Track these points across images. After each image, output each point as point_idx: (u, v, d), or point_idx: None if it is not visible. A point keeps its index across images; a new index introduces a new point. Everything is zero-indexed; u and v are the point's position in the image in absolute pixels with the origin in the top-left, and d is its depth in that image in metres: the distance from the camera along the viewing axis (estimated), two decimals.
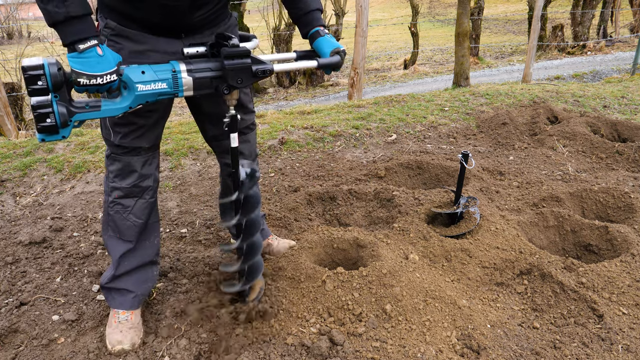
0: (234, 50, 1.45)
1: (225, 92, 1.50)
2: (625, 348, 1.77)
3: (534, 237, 2.53)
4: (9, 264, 2.33)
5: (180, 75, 1.43)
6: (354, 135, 4.11)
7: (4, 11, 14.68)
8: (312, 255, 2.21)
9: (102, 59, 1.33)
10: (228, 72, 1.46)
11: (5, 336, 1.84)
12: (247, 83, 1.50)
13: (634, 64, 7.49)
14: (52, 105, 1.27)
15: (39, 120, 1.26)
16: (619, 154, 3.65)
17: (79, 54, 1.30)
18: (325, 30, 1.79)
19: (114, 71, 1.34)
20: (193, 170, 3.42)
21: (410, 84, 9.20)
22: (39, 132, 1.29)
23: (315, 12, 1.80)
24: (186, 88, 1.45)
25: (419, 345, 1.76)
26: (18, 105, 5.81)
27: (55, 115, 1.28)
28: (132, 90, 1.38)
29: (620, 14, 14.25)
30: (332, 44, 1.75)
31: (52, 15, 1.28)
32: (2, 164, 3.38)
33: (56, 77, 1.26)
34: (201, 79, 1.46)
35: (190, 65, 1.45)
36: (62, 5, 1.27)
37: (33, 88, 1.24)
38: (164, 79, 1.41)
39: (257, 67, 1.49)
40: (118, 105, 1.39)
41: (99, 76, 1.31)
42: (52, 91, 1.27)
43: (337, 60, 1.68)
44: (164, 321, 1.86)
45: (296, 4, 1.79)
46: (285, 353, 1.72)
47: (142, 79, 1.38)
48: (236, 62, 1.46)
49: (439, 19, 24.35)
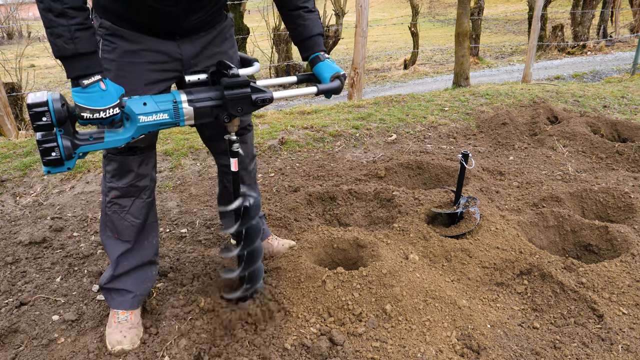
0: (233, 80, 1.47)
1: (226, 121, 1.54)
2: (625, 348, 1.77)
3: (534, 237, 2.53)
4: (9, 264, 2.33)
5: (181, 105, 1.46)
6: (354, 135, 4.11)
7: (4, 11, 14.68)
8: (312, 255, 2.21)
9: (105, 93, 1.35)
10: (228, 102, 1.48)
11: (5, 336, 1.84)
12: (247, 111, 1.54)
13: (634, 64, 7.49)
14: (57, 140, 1.30)
15: (45, 154, 1.30)
16: (619, 154, 3.65)
17: (82, 88, 1.33)
18: (325, 55, 1.82)
19: (116, 104, 1.36)
20: (193, 170, 3.42)
21: (410, 84, 9.20)
22: (45, 165, 1.32)
23: (317, 37, 1.83)
24: (187, 117, 1.48)
25: (419, 345, 1.76)
26: (18, 105, 5.81)
27: (60, 149, 1.31)
28: (135, 122, 1.41)
29: (620, 14, 14.25)
30: (333, 69, 1.77)
31: (61, 50, 1.31)
32: (2, 164, 3.38)
33: (60, 112, 1.28)
34: (202, 108, 1.49)
35: (191, 95, 1.48)
36: (72, 42, 1.30)
37: (38, 124, 1.27)
38: (165, 109, 1.44)
39: (257, 96, 1.52)
40: (121, 137, 1.41)
41: (102, 110, 1.34)
42: (56, 126, 1.30)
43: (337, 86, 1.71)
44: (164, 321, 1.86)
45: (298, 28, 1.81)
46: (285, 353, 1.72)
47: (144, 110, 1.41)
48: (236, 92, 1.49)
49: (439, 19, 24.36)
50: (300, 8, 1.80)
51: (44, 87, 10.18)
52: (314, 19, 1.82)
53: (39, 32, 16.83)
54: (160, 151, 3.62)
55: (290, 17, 1.82)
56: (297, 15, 1.80)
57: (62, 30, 1.29)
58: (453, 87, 6.59)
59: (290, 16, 1.82)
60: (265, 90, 1.55)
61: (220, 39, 1.78)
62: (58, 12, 1.28)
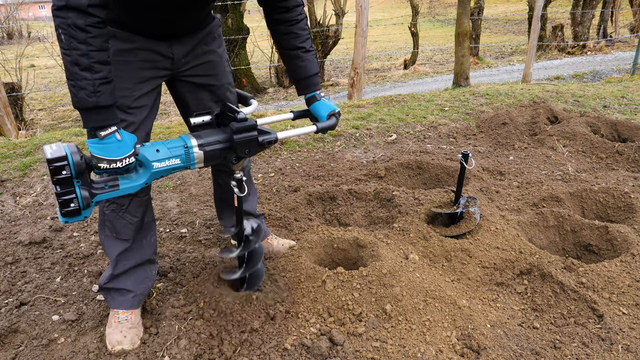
0: (242, 125, 1.54)
1: (234, 162, 1.60)
2: (625, 348, 1.77)
3: (534, 237, 2.53)
4: (9, 264, 2.33)
5: (192, 150, 1.50)
6: (354, 135, 4.11)
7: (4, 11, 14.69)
8: (312, 255, 2.21)
9: (121, 143, 1.37)
10: (237, 145, 1.55)
11: (5, 336, 1.84)
12: (253, 153, 1.61)
13: (634, 64, 7.49)
14: (76, 191, 1.33)
15: (63, 206, 1.32)
16: (619, 154, 3.65)
17: (99, 140, 1.35)
18: (321, 94, 1.91)
19: (131, 154, 1.39)
20: (193, 170, 3.42)
21: (410, 84, 9.20)
22: (63, 216, 1.34)
23: (314, 77, 1.90)
24: (198, 161, 1.53)
25: (419, 345, 1.76)
26: (18, 105, 5.81)
27: (79, 200, 1.33)
28: (149, 169, 1.45)
29: (620, 14, 14.25)
30: (329, 107, 1.86)
31: (81, 102, 1.32)
32: (2, 164, 3.38)
33: (79, 165, 1.31)
34: (211, 151, 1.54)
35: (201, 139, 1.53)
36: (94, 95, 1.32)
37: (58, 178, 1.29)
38: (177, 155, 1.48)
39: (264, 138, 1.59)
40: (135, 183, 1.45)
41: (119, 160, 1.36)
42: (75, 178, 1.32)
43: (334, 123, 1.82)
44: (164, 321, 1.86)
45: (296, 68, 1.88)
46: (285, 353, 1.72)
47: (157, 157, 1.45)
48: (244, 135, 1.55)
49: (439, 19, 24.36)
50: (299, 48, 1.85)
51: (44, 87, 10.18)
52: (311, 59, 1.88)
53: (39, 32, 16.83)
54: None
55: (289, 56, 1.88)
56: (295, 55, 1.86)
57: (86, 83, 1.31)
58: (453, 87, 6.59)
59: (288, 55, 1.88)
60: (271, 132, 1.62)
61: (210, 39, 1.83)
62: (84, 66, 1.30)
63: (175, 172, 1.52)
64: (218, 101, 1.90)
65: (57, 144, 1.32)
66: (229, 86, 1.93)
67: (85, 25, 1.28)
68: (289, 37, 1.83)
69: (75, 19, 1.26)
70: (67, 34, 1.27)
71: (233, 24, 8.63)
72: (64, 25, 1.26)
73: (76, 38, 1.27)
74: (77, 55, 1.28)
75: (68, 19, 1.26)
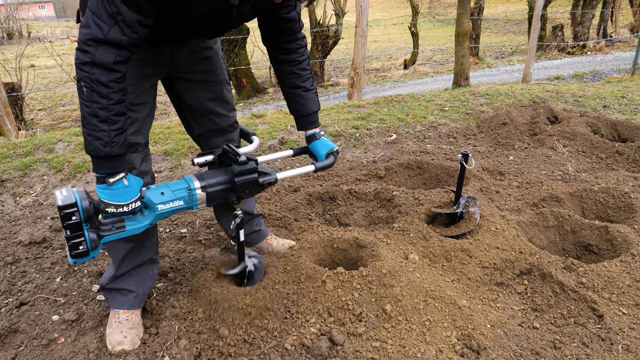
0: (243, 168, 1.61)
1: (235, 202, 1.66)
2: (625, 348, 1.77)
3: (534, 237, 2.53)
4: (9, 264, 2.33)
5: (195, 192, 1.57)
6: (354, 135, 4.11)
7: (4, 11, 14.68)
8: (312, 255, 2.21)
9: (128, 189, 1.43)
10: (238, 187, 1.61)
11: (5, 336, 1.84)
12: (254, 193, 1.67)
13: (634, 64, 7.50)
14: (84, 235, 1.38)
15: (73, 249, 1.37)
16: (619, 154, 3.65)
17: (108, 186, 1.40)
18: (321, 133, 1.97)
19: (137, 198, 1.45)
20: (193, 170, 3.42)
21: (410, 84, 9.20)
22: (72, 258, 1.39)
23: (314, 115, 1.95)
24: (200, 202, 1.59)
25: (419, 345, 1.76)
26: (18, 105, 5.81)
27: (87, 242, 1.39)
28: (153, 211, 1.51)
29: (620, 14, 14.25)
30: (328, 146, 1.93)
31: (96, 151, 1.37)
32: (2, 164, 3.37)
33: (88, 210, 1.37)
34: (213, 192, 1.61)
35: (203, 181, 1.60)
36: (109, 145, 1.37)
37: (68, 223, 1.35)
38: (180, 197, 1.55)
39: (264, 180, 1.66)
40: (140, 224, 1.50)
41: (125, 205, 1.42)
42: (84, 222, 1.38)
43: (332, 162, 1.89)
44: (164, 321, 1.86)
45: (297, 106, 1.93)
46: (285, 353, 1.72)
47: (162, 199, 1.51)
48: (245, 177, 1.62)
49: (439, 19, 24.37)
50: (299, 87, 1.90)
51: (44, 87, 10.19)
52: (311, 97, 1.93)
53: (39, 32, 16.83)
54: (160, 151, 3.62)
55: (290, 94, 1.93)
56: (296, 94, 1.91)
57: (103, 134, 1.35)
58: (453, 87, 6.59)
59: (290, 93, 1.93)
60: (270, 173, 1.69)
61: None
62: (103, 119, 1.34)
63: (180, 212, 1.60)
64: (215, 98, 1.91)
65: (67, 190, 1.38)
66: (225, 83, 1.95)
67: (108, 81, 1.32)
68: (291, 76, 1.89)
69: (99, 75, 1.30)
70: (89, 88, 1.31)
71: None
72: (87, 80, 1.30)
73: (98, 92, 1.31)
74: (97, 108, 1.32)
75: (92, 74, 1.30)
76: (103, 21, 1.29)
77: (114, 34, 1.29)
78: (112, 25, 1.28)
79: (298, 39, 1.85)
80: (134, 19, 1.32)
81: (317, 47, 9.82)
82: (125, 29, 1.31)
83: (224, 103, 1.95)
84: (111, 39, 1.29)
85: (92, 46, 1.29)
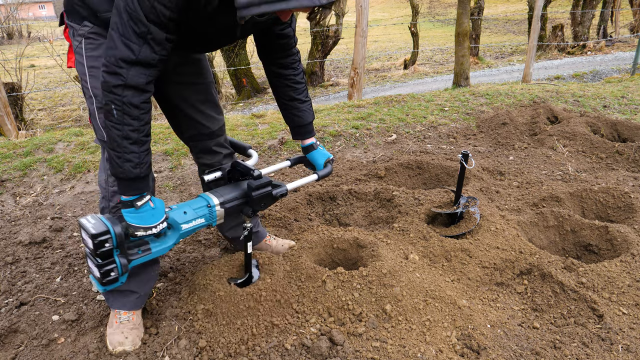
0: (259, 182, 1.67)
1: (250, 215, 1.71)
2: (625, 348, 1.77)
3: (534, 237, 2.53)
4: (9, 264, 2.33)
5: (214, 209, 1.62)
6: (354, 135, 4.11)
7: (4, 11, 14.68)
8: (312, 255, 2.21)
9: (155, 211, 1.45)
10: (255, 200, 1.67)
11: (5, 336, 1.84)
12: (268, 205, 1.73)
13: (634, 64, 7.50)
14: (115, 261, 1.40)
15: (105, 276, 1.39)
16: (619, 154, 3.66)
17: (136, 210, 1.42)
18: (317, 143, 2.04)
19: (164, 219, 1.47)
20: (193, 170, 3.42)
21: (410, 84, 9.20)
22: (103, 285, 1.40)
23: (309, 125, 2.00)
24: (219, 218, 1.65)
25: (419, 345, 1.76)
26: (18, 105, 5.81)
27: (118, 268, 1.41)
28: (177, 230, 1.54)
29: (620, 14, 14.25)
30: (324, 155, 2.01)
31: (126, 173, 1.38)
32: (2, 164, 3.37)
33: (120, 236, 1.38)
34: (230, 208, 1.66)
35: (222, 197, 1.65)
36: (138, 167, 1.39)
37: (101, 251, 1.36)
38: (202, 215, 1.59)
39: (277, 192, 1.73)
40: (165, 245, 1.53)
41: (154, 227, 1.44)
42: (116, 249, 1.39)
43: (330, 170, 2.00)
44: (164, 321, 1.86)
45: (293, 117, 1.97)
46: (286, 353, 1.72)
47: (185, 219, 1.55)
48: (261, 191, 1.69)
49: (439, 19, 24.38)
50: (295, 100, 1.94)
51: (44, 87, 10.18)
52: (306, 109, 1.97)
53: (39, 32, 16.83)
54: (160, 151, 3.62)
55: (286, 106, 1.96)
56: (292, 105, 1.95)
57: (133, 156, 1.37)
58: (453, 87, 6.59)
59: (285, 105, 1.96)
60: (281, 185, 1.75)
61: None
62: (134, 140, 1.35)
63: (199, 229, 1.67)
64: (205, 100, 1.92)
65: (93, 216, 1.38)
66: (213, 85, 1.97)
67: (141, 102, 1.33)
68: (286, 89, 1.92)
69: (131, 98, 1.30)
70: (120, 110, 1.31)
71: None
72: (119, 103, 1.30)
73: (130, 115, 1.32)
74: (129, 130, 1.33)
75: (124, 97, 1.30)
76: (132, 42, 1.28)
77: (145, 53, 1.30)
78: (141, 45, 1.29)
79: (293, 54, 1.88)
80: (163, 37, 1.33)
81: (317, 47, 9.82)
82: (155, 47, 1.31)
83: (213, 105, 1.97)
84: (142, 58, 1.30)
85: (123, 68, 1.28)
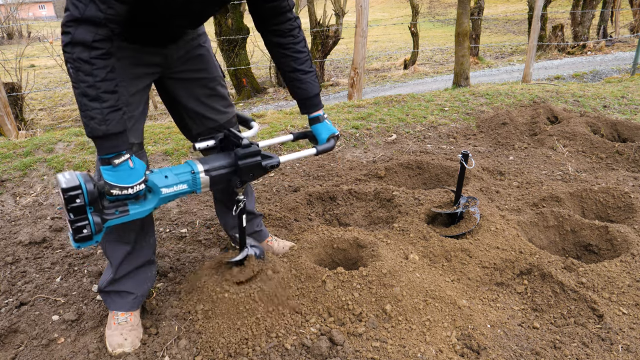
0: (247, 151, 1.61)
1: (239, 186, 1.66)
2: (625, 348, 1.77)
3: (534, 237, 2.53)
4: (9, 264, 2.33)
5: (198, 175, 1.57)
6: (354, 135, 4.11)
7: (4, 11, 14.68)
8: (312, 255, 2.21)
9: (133, 171, 1.42)
10: (242, 170, 1.62)
11: (5, 336, 1.84)
12: (257, 177, 1.67)
13: (634, 64, 7.49)
14: (88, 218, 1.37)
15: (77, 232, 1.36)
16: (619, 154, 3.65)
17: (113, 167, 1.40)
18: (324, 116, 1.94)
19: (142, 181, 1.44)
20: None
21: (410, 84, 9.20)
22: (76, 242, 1.38)
23: (316, 97, 1.92)
24: (204, 186, 1.59)
25: (419, 345, 1.76)
26: (18, 105, 5.81)
27: (91, 226, 1.38)
28: (157, 194, 1.51)
29: (620, 14, 14.25)
30: (329, 130, 1.92)
31: (93, 131, 1.37)
32: (2, 164, 3.37)
33: (92, 193, 1.37)
34: (217, 176, 1.60)
35: (207, 164, 1.59)
36: (104, 123, 1.37)
37: (72, 206, 1.34)
38: (184, 180, 1.54)
39: (267, 163, 1.67)
40: (144, 208, 1.49)
41: (130, 187, 1.41)
42: (88, 205, 1.37)
43: (332, 146, 1.90)
44: (164, 321, 1.86)
45: (297, 90, 1.90)
46: (286, 353, 1.72)
47: (165, 183, 1.51)
48: (249, 160, 1.62)
49: (439, 19, 24.38)
50: (297, 71, 1.87)
51: (44, 87, 10.19)
52: (310, 80, 1.90)
53: (39, 32, 16.83)
54: (160, 151, 3.62)
55: (289, 78, 1.90)
56: (295, 77, 1.88)
57: (96, 113, 1.36)
58: (453, 87, 6.59)
59: (288, 77, 1.90)
60: (273, 156, 1.69)
61: (198, 33, 1.87)
62: (92, 97, 1.34)
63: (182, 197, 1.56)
64: (210, 95, 1.90)
65: (69, 173, 1.37)
66: (219, 79, 1.94)
67: (90, 58, 1.32)
68: (287, 59, 1.85)
69: (79, 53, 1.31)
70: (74, 68, 1.32)
71: (233, 24, 8.63)
72: (71, 60, 1.31)
73: (82, 71, 1.32)
74: (85, 87, 1.33)
75: (74, 53, 1.31)
76: (79, 1, 1.29)
77: (90, 11, 1.29)
78: (87, 4, 1.29)
79: (289, 20, 1.80)
80: None
81: (317, 47, 9.82)
82: (100, 6, 1.30)
83: (220, 99, 1.94)
84: (88, 16, 1.29)
85: (71, 27, 1.29)
